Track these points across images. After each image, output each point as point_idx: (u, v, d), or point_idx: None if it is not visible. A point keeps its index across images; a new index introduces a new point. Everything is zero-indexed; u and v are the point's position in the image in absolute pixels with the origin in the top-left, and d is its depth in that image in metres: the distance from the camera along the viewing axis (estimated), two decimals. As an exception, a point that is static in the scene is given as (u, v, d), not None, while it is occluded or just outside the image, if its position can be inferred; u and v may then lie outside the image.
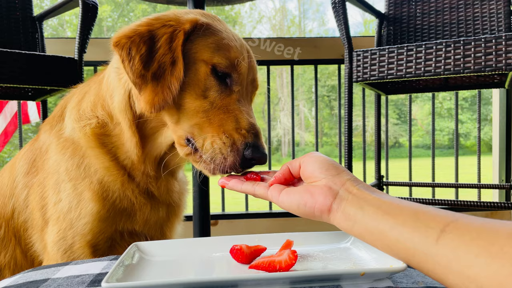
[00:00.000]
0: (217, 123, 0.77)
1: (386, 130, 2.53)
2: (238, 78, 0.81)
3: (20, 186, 0.96)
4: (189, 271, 0.61)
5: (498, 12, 1.78)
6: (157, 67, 0.78)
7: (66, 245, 0.86)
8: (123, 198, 0.88)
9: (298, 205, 0.61)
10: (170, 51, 0.78)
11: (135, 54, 0.77)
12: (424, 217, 0.49)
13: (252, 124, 0.78)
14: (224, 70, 0.80)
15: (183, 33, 0.78)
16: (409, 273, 0.56)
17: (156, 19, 0.82)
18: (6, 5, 1.78)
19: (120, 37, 0.79)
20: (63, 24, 17.88)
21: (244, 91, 0.83)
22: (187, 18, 0.81)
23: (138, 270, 0.59)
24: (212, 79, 0.79)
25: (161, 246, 0.68)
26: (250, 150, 0.75)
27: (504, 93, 2.36)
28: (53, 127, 0.95)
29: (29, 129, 8.57)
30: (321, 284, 0.51)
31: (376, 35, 2.03)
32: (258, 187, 0.68)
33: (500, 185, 2.16)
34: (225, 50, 0.80)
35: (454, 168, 2.40)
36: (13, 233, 0.97)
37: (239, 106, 0.80)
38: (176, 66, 0.77)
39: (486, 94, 4.58)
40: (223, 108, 0.79)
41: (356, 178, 0.61)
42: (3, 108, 2.92)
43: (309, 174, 0.63)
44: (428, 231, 0.47)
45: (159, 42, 0.78)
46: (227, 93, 0.80)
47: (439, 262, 0.45)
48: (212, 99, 0.79)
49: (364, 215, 0.54)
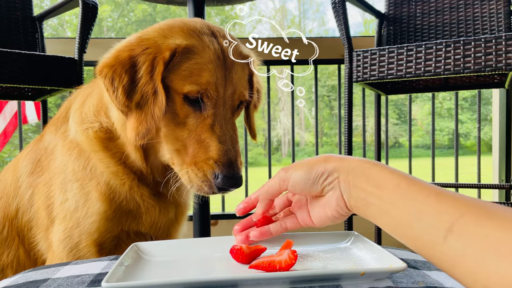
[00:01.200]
0: (192, 152, 0.80)
1: (386, 130, 2.53)
2: (210, 101, 0.81)
3: (24, 186, 0.96)
4: (189, 271, 0.61)
5: (498, 12, 1.78)
6: (140, 97, 0.78)
7: (72, 244, 0.86)
8: (130, 200, 0.89)
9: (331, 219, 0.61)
10: (152, 81, 0.78)
11: (118, 85, 0.78)
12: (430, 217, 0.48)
13: (222, 151, 0.79)
14: (195, 96, 0.80)
15: (162, 62, 0.78)
16: (409, 273, 0.56)
17: (137, 42, 0.82)
18: (6, 5, 1.78)
19: (103, 66, 0.80)
20: (63, 24, 17.88)
21: (222, 110, 0.82)
22: (167, 44, 0.80)
23: (138, 270, 0.59)
24: (187, 107, 0.81)
25: (161, 246, 0.68)
26: (220, 180, 0.78)
27: (504, 93, 2.35)
28: (58, 128, 0.96)
29: (29, 129, 8.57)
30: (321, 284, 0.51)
31: (376, 35, 2.03)
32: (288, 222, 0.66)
33: (500, 185, 2.16)
34: (196, 75, 0.79)
35: (454, 168, 2.40)
36: (16, 232, 0.97)
37: (211, 133, 0.80)
38: (158, 96, 0.78)
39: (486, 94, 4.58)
40: (197, 136, 0.80)
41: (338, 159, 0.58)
42: (2, 108, 2.92)
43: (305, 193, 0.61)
44: (436, 226, 0.46)
45: (140, 71, 0.79)
46: (201, 119, 0.81)
47: (446, 259, 0.45)
48: (189, 126, 0.81)
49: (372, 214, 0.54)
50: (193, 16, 1.90)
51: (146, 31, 0.86)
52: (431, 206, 0.48)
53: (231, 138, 0.82)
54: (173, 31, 0.83)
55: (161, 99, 0.78)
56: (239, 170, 0.80)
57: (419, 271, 0.57)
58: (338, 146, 2.57)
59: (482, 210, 0.45)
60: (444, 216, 0.46)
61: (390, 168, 0.55)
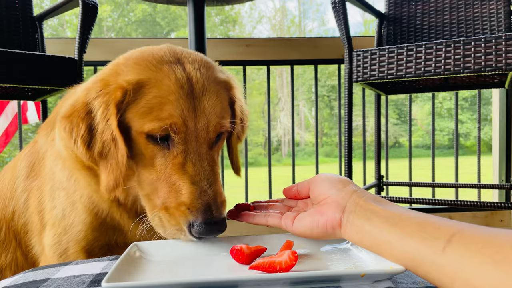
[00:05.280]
0: (162, 197, 0.71)
1: (386, 130, 2.53)
2: (178, 137, 0.71)
3: (20, 189, 0.96)
4: (189, 271, 0.61)
5: (498, 12, 1.78)
6: (101, 146, 0.72)
7: (61, 249, 0.86)
8: (111, 217, 0.86)
9: (311, 227, 0.62)
10: (108, 126, 0.71)
11: (76, 136, 0.72)
12: (430, 228, 0.50)
13: (196, 194, 0.69)
14: (160, 133, 0.70)
15: (114, 104, 0.70)
16: (409, 273, 0.56)
17: (92, 85, 0.75)
18: (6, 5, 1.78)
19: (61, 118, 0.74)
20: (63, 24, 17.88)
21: (194, 146, 0.72)
22: (117, 83, 0.72)
23: (138, 270, 0.59)
24: (151, 146, 0.72)
25: (161, 246, 0.68)
26: (196, 228, 0.67)
27: (504, 93, 2.36)
28: (48, 133, 0.93)
29: (29, 129, 8.57)
30: (322, 285, 0.51)
31: (376, 35, 2.03)
32: (270, 218, 0.69)
33: (500, 185, 2.16)
34: (157, 110, 0.70)
35: (454, 168, 2.40)
36: (13, 235, 0.97)
37: (182, 173, 0.70)
38: (117, 142, 0.71)
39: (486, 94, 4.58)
40: (167, 178, 0.71)
41: (363, 190, 0.62)
42: (4, 108, 2.92)
43: (317, 193, 0.65)
44: (434, 241, 0.48)
45: (97, 117, 0.72)
46: (170, 157, 0.71)
47: (445, 271, 0.46)
48: (157, 168, 0.72)
49: (372, 227, 0.55)
50: (193, 15, 1.90)
51: (104, 70, 0.80)
52: (432, 223, 0.50)
53: (207, 177, 0.71)
54: (127, 65, 0.76)
55: (121, 146, 0.70)
56: (219, 213, 0.70)
57: (420, 272, 0.57)
58: (338, 146, 2.57)
59: (480, 227, 0.47)
60: (444, 229, 0.48)
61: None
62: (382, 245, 0.54)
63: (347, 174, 1.69)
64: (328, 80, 16.86)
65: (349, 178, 0.67)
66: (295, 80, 2.66)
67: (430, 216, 0.52)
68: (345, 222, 0.58)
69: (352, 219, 0.58)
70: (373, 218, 0.55)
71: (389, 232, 0.53)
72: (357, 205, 0.58)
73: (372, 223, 0.55)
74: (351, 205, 0.59)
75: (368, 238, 0.55)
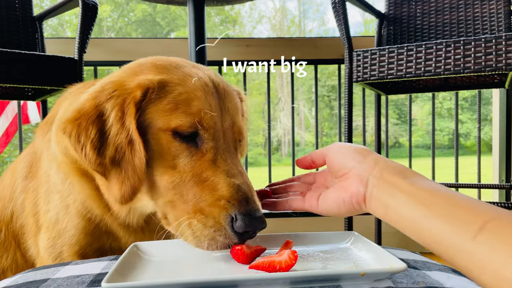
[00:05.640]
0: (192, 199, 0.65)
1: (386, 130, 2.53)
2: (208, 133, 0.68)
3: (18, 190, 0.95)
4: (189, 271, 0.61)
5: (498, 12, 1.78)
6: (114, 151, 0.67)
7: (56, 253, 0.85)
8: (104, 223, 0.84)
9: (338, 205, 0.60)
10: (124, 128, 0.66)
11: (85, 141, 0.66)
12: (461, 211, 0.47)
13: (234, 186, 0.64)
14: (188, 130, 0.67)
15: (133, 104, 0.67)
16: (409, 273, 0.56)
17: (101, 89, 0.70)
18: (6, 5, 1.78)
19: (65, 122, 0.69)
20: (63, 24, 17.87)
21: (222, 142, 0.70)
22: (136, 83, 0.69)
23: (138, 270, 0.59)
24: (177, 144, 0.67)
25: (161, 246, 0.68)
26: (239, 222, 0.61)
27: (504, 93, 2.36)
28: (45, 133, 0.91)
29: (29, 129, 8.56)
30: (321, 285, 0.51)
31: (376, 35, 2.03)
32: (293, 202, 0.67)
33: (500, 185, 2.16)
34: (185, 105, 0.67)
35: (454, 168, 2.40)
36: (12, 236, 0.96)
37: (215, 168, 0.66)
38: (134, 144, 0.66)
39: (486, 94, 4.58)
40: (196, 177, 0.66)
41: (385, 159, 0.59)
42: (4, 108, 2.92)
43: (337, 167, 0.62)
44: (465, 227, 0.45)
45: (109, 120, 0.67)
46: (199, 155, 0.68)
47: (474, 260, 0.44)
48: (182, 168, 0.67)
49: (397, 203, 0.52)
50: (193, 15, 1.90)
51: (112, 74, 0.76)
52: (464, 205, 0.47)
53: (241, 173, 0.68)
54: (144, 67, 0.74)
55: (139, 149, 0.66)
56: (258, 207, 0.64)
57: (419, 271, 0.57)
58: (338, 146, 2.57)
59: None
60: (477, 214, 0.45)
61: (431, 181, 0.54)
62: (407, 224, 0.51)
63: (347, 174, 1.68)
64: (328, 80, 16.85)
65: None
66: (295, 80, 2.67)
67: (461, 196, 0.49)
68: (369, 196, 0.56)
69: (376, 194, 0.55)
70: (398, 194, 0.52)
71: (415, 210, 0.50)
72: (380, 179, 0.55)
73: (396, 199, 0.52)
74: (374, 178, 0.56)
75: (393, 214, 0.53)
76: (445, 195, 0.50)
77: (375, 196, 0.56)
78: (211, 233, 0.62)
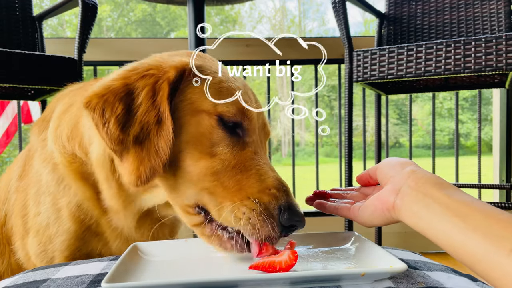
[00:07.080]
0: (235, 186, 0.63)
1: (386, 130, 2.53)
2: (250, 125, 0.68)
3: (12, 190, 0.92)
4: (189, 271, 0.61)
5: (498, 12, 1.78)
6: (139, 129, 0.64)
7: (48, 258, 0.84)
8: (98, 225, 0.83)
9: (373, 215, 0.61)
10: (154, 107, 0.64)
11: (110, 116, 0.64)
12: (497, 224, 0.47)
13: (279, 179, 0.64)
14: (233, 119, 0.66)
15: (167, 83, 0.65)
16: (409, 273, 0.56)
17: (133, 69, 0.69)
18: (6, 5, 1.78)
19: (91, 96, 0.66)
20: (63, 24, 17.87)
21: (259, 141, 0.69)
22: (171, 64, 0.68)
23: (138, 270, 0.59)
24: (220, 131, 0.65)
25: (161, 246, 0.68)
26: (287, 214, 0.60)
27: (505, 93, 2.35)
28: (40, 132, 0.89)
29: (29, 129, 8.56)
30: (322, 285, 0.51)
31: (376, 35, 2.03)
32: (340, 209, 0.68)
33: (500, 185, 2.16)
34: (229, 94, 0.66)
35: (454, 168, 2.40)
36: (6, 239, 0.93)
37: (258, 160, 0.66)
38: (163, 125, 0.63)
39: (487, 94, 4.58)
40: (239, 165, 0.64)
41: (422, 170, 0.59)
42: (4, 108, 2.92)
43: (380, 179, 0.64)
44: (500, 241, 0.45)
45: (139, 98, 0.65)
46: (240, 146, 0.66)
47: (508, 275, 0.43)
48: (223, 156, 0.64)
49: (430, 214, 0.53)
50: (193, 15, 1.90)
51: (143, 60, 0.75)
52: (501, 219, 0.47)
53: (274, 170, 0.67)
54: (177, 54, 0.74)
55: (167, 129, 0.63)
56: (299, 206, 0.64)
57: (420, 272, 0.57)
58: (338, 146, 2.57)
59: None
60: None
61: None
62: (439, 235, 0.51)
63: (347, 174, 1.69)
64: (328, 80, 16.85)
65: (349, 179, 0.67)
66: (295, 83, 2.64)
67: (497, 210, 0.49)
68: (399, 205, 0.57)
69: (408, 203, 0.55)
70: (432, 204, 0.53)
71: (450, 222, 0.50)
72: (413, 189, 0.56)
73: (430, 211, 0.52)
74: (406, 188, 0.57)
75: (425, 224, 0.53)
76: (481, 208, 0.50)
77: (406, 205, 0.56)
78: (260, 220, 0.60)
